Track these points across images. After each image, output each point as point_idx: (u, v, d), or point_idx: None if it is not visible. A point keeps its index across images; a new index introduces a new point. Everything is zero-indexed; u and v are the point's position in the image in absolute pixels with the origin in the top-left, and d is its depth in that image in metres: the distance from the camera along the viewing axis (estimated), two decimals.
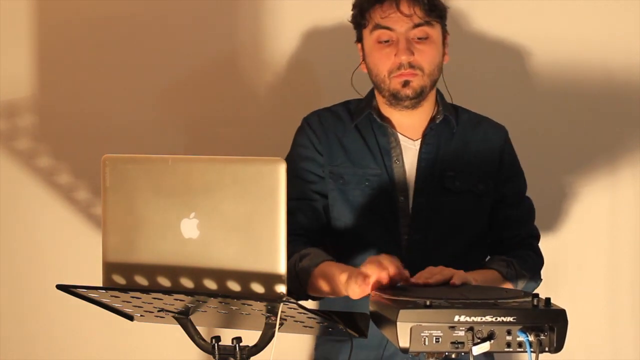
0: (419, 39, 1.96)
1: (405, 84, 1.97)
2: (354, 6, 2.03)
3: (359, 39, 2.05)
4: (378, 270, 1.63)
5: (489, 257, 2.06)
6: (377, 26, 1.96)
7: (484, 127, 2.11)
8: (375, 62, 1.99)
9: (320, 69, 2.53)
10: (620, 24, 2.52)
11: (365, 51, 2.02)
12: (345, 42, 2.19)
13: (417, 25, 1.95)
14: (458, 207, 2.02)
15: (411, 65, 1.95)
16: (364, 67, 2.05)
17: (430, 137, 2.04)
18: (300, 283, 1.84)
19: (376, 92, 2.05)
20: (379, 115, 2.05)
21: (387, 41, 1.96)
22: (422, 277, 1.71)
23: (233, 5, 2.53)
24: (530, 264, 2.04)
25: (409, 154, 2.03)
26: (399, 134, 2.04)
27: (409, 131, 2.05)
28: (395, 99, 1.99)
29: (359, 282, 1.63)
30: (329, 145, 2.05)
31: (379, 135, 2.04)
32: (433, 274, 1.72)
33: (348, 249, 1.99)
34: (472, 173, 2.04)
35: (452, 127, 2.06)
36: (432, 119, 2.05)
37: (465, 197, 2.03)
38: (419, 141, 2.04)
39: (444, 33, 2.02)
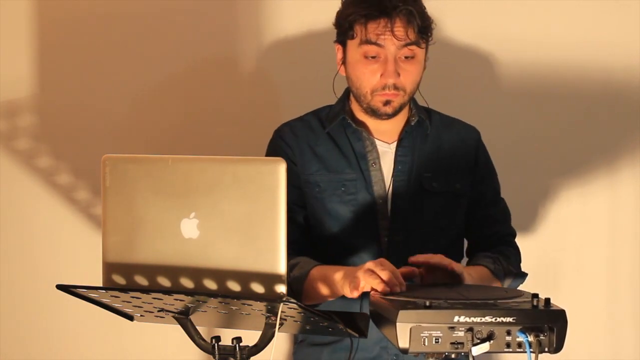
0: (405, 57, 1.95)
1: (387, 103, 1.97)
2: (343, 15, 1.98)
3: (342, 43, 2.01)
4: (371, 278, 1.65)
5: (471, 254, 2.08)
6: (367, 41, 1.94)
7: (457, 127, 2.13)
8: (358, 75, 1.97)
9: (320, 69, 2.52)
10: (619, 25, 2.52)
11: (348, 60, 2.00)
12: None
13: (406, 45, 1.94)
14: (436, 207, 2.03)
15: (395, 87, 1.95)
16: (343, 70, 2.03)
17: (405, 139, 2.05)
18: (294, 293, 1.84)
19: (352, 98, 2.05)
20: (353, 120, 2.05)
21: (374, 57, 1.94)
22: (421, 260, 1.78)
23: (234, 5, 2.53)
24: (513, 260, 2.06)
25: (386, 157, 2.04)
26: (374, 139, 2.04)
27: (384, 135, 2.05)
28: (373, 113, 2.00)
29: (351, 287, 1.69)
30: (302, 155, 2.05)
31: (354, 140, 2.04)
32: (433, 258, 1.78)
33: (331, 255, 1.99)
34: (448, 173, 2.06)
35: (425, 128, 2.07)
36: (407, 122, 2.06)
37: (443, 197, 2.04)
38: (395, 144, 2.05)
39: (427, 47, 2.00)
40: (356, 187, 2.01)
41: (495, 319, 1.44)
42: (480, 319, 1.44)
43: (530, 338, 1.43)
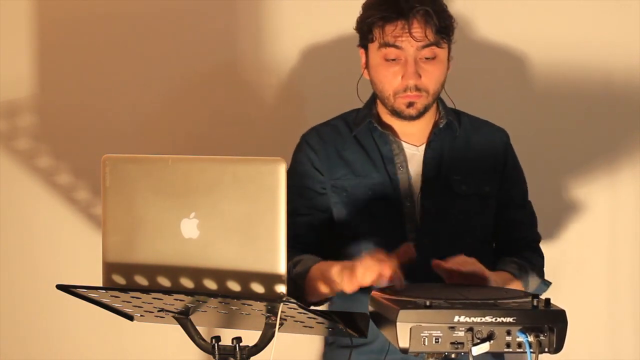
0: (426, 58, 1.94)
1: (410, 104, 1.97)
2: (362, 19, 1.99)
3: (364, 47, 2.02)
4: (367, 272, 1.65)
5: (497, 258, 2.06)
6: (386, 44, 1.94)
7: (486, 130, 2.12)
8: (380, 79, 1.98)
9: (321, 71, 2.53)
10: (619, 26, 2.52)
11: (370, 63, 2.00)
12: (345, 46, 2.20)
13: (426, 46, 1.94)
14: (465, 210, 2.02)
15: (417, 88, 1.95)
16: (367, 74, 2.04)
17: (434, 142, 2.04)
18: (298, 289, 1.84)
19: (378, 101, 2.05)
20: (379, 123, 2.05)
21: (394, 59, 1.95)
22: (455, 262, 1.75)
23: (234, 7, 2.53)
24: (538, 267, 2.05)
25: (413, 160, 2.04)
26: (402, 141, 2.04)
27: (412, 138, 2.05)
28: (398, 115, 2.00)
29: (347, 277, 1.68)
30: (329, 160, 2.05)
31: (381, 143, 2.04)
32: (466, 262, 1.75)
33: (357, 258, 1.98)
34: (477, 176, 2.05)
35: (454, 130, 2.07)
36: (435, 125, 2.05)
37: (472, 200, 2.03)
38: (423, 147, 2.04)
39: (450, 47, 2.00)
40: (383, 191, 2.01)
41: (496, 319, 1.44)
42: (481, 319, 1.44)
43: (530, 338, 1.43)
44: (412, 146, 2.05)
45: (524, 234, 2.10)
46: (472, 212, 2.03)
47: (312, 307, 1.54)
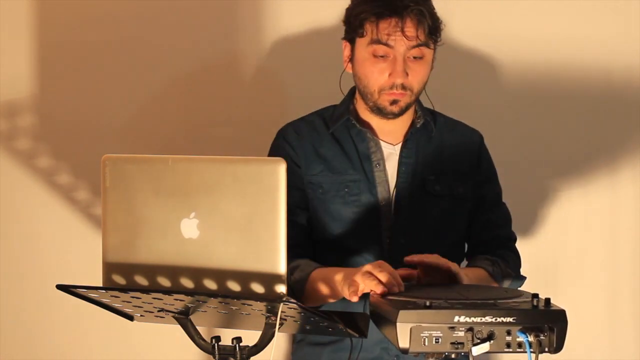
0: (414, 57, 1.94)
1: (394, 102, 1.96)
2: (354, 12, 1.97)
3: (350, 40, 2.01)
4: (369, 280, 1.65)
5: (470, 257, 2.07)
6: (376, 41, 1.93)
7: (460, 130, 2.13)
8: (366, 74, 1.97)
9: (320, 70, 2.52)
10: (619, 26, 2.52)
11: (356, 57, 1.99)
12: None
13: (416, 46, 1.94)
14: (439, 210, 2.03)
15: (403, 87, 1.95)
16: (349, 67, 2.03)
17: (410, 141, 2.05)
18: (295, 296, 1.84)
19: (358, 96, 2.04)
20: (357, 120, 2.04)
21: (382, 56, 1.94)
22: (416, 259, 1.78)
23: (233, 6, 2.53)
24: (512, 264, 2.06)
25: (390, 158, 2.04)
26: (379, 140, 2.04)
27: (389, 136, 2.05)
28: (379, 112, 1.99)
29: (351, 289, 1.68)
30: (306, 155, 2.04)
31: (358, 141, 2.04)
32: (429, 258, 1.78)
33: (333, 256, 1.99)
34: (451, 176, 2.06)
35: (430, 130, 2.07)
36: (412, 124, 2.06)
37: (446, 201, 2.04)
38: (399, 145, 2.04)
39: (436, 48, 2.00)
40: (359, 189, 2.01)
41: (496, 319, 1.44)
42: (481, 319, 1.44)
43: (531, 338, 1.43)
44: (389, 145, 2.05)
45: (497, 233, 2.10)
46: (446, 212, 2.04)
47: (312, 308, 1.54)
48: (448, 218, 2.04)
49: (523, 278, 2.07)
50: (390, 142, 2.05)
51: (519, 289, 1.95)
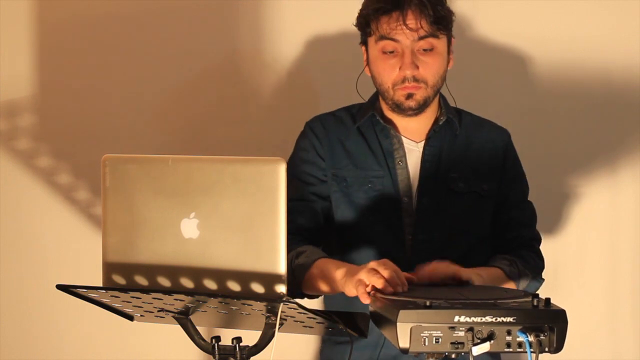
0: (424, 50, 1.95)
1: (409, 96, 1.97)
2: (361, 13, 2.01)
3: (364, 43, 2.04)
4: (374, 277, 1.64)
5: (492, 256, 2.06)
6: (382, 37, 1.95)
7: (487, 129, 2.13)
8: (379, 71, 1.99)
9: (321, 70, 2.53)
10: (619, 25, 2.52)
11: (370, 58, 2.02)
12: (346, 44, 2.20)
13: (422, 37, 1.94)
14: (462, 208, 2.03)
15: (415, 79, 1.95)
16: (368, 70, 2.05)
17: (433, 139, 2.05)
18: (295, 280, 1.84)
19: (380, 97, 2.06)
20: (382, 117, 2.05)
21: (392, 52, 1.96)
22: (425, 274, 1.75)
23: (234, 6, 2.53)
24: (532, 265, 2.04)
25: (413, 155, 2.04)
26: (402, 136, 2.05)
27: (412, 134, 2.05)
28: (398, 109, 2.00)
29: (360, 290, 1.66)
30: (332, 148, 2.06)
31: (382, 137, 2.05)
32: (438, 270, 1.75)
33: (352, 250, 2.00)
34: (475, 174, 2.05)
35: (455, 129, 2.07)
36: (436, 121, 2.06)
37: (469, 198, 2.03)
38: (422, 143, 2.05)
39: (450, 39, 2.01)
40: (382, 184, 2.02)
41: (496, 319, 1.44)
42: (481, 319, 1.43)
43: (531, 338, 1.43)
44: (412, 142, 2.05)
45: (520, 232, 2.09)
46: (469, 210, 2.03)
47: (312, 308, 1.54)
48: (471, 215, 2.03)
49: (541, 280, 2.06)
50: (413, 139, 2.05)
51: (518, 289, 1.94)
